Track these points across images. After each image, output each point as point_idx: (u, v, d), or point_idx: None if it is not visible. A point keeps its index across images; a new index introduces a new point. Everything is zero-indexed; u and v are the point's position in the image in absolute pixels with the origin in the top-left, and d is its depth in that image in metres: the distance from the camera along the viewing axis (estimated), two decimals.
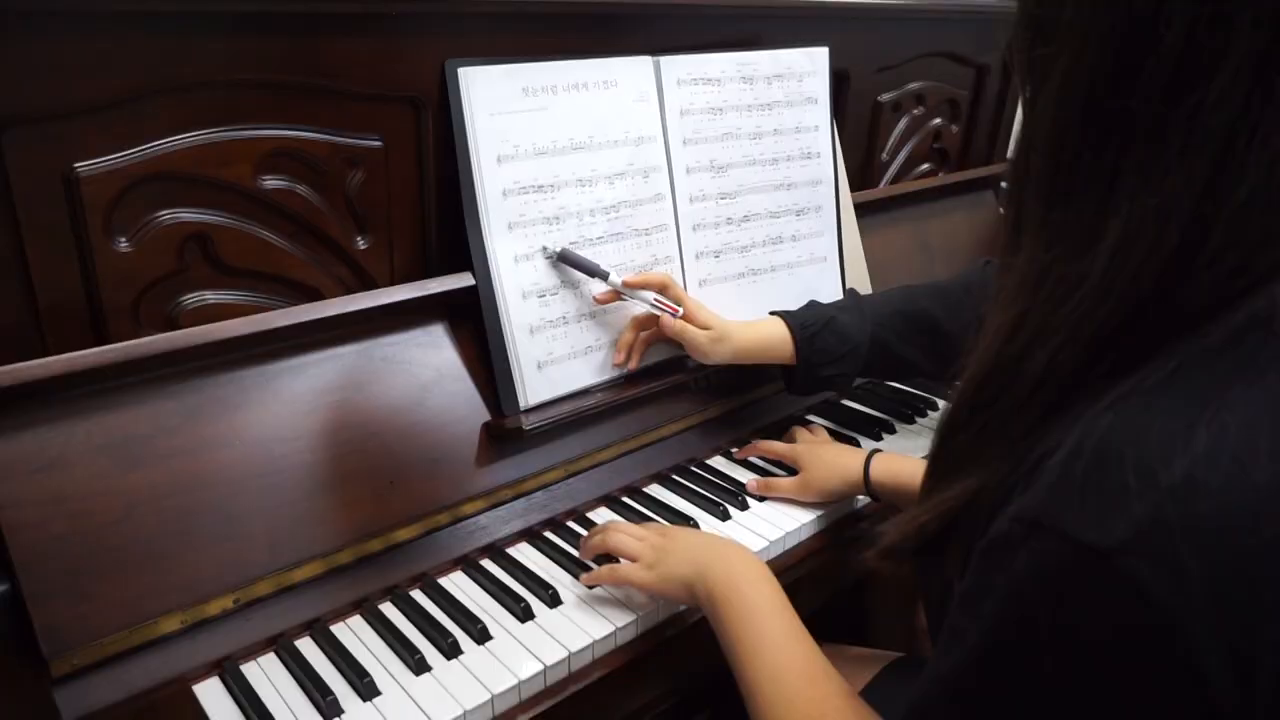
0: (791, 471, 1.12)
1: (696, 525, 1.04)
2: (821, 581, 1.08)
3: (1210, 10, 0.42)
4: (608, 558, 0.93)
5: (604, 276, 1.08)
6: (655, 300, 1.10)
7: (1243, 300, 0.45)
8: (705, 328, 1.10)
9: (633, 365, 1.14)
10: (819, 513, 1.08)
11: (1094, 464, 0.44)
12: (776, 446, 1.15)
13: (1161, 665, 0.42)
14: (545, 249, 1.06)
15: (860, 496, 1.10)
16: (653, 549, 0.89)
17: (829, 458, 1.10)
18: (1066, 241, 0.49)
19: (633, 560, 0.90)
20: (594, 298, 1.10)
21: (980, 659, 0.48)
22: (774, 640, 0.75)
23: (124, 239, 0.86)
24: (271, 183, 0.93)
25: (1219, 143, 0.43)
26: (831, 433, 1.26)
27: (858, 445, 1.22)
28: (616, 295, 1.10)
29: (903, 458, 1.09)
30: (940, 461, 0.60)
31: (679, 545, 0.88)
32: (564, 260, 1.07)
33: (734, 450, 1.20)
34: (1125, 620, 0.42)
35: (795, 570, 1.04)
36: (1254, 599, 0.41)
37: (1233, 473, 0.42)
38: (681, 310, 1.10)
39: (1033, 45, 0.50)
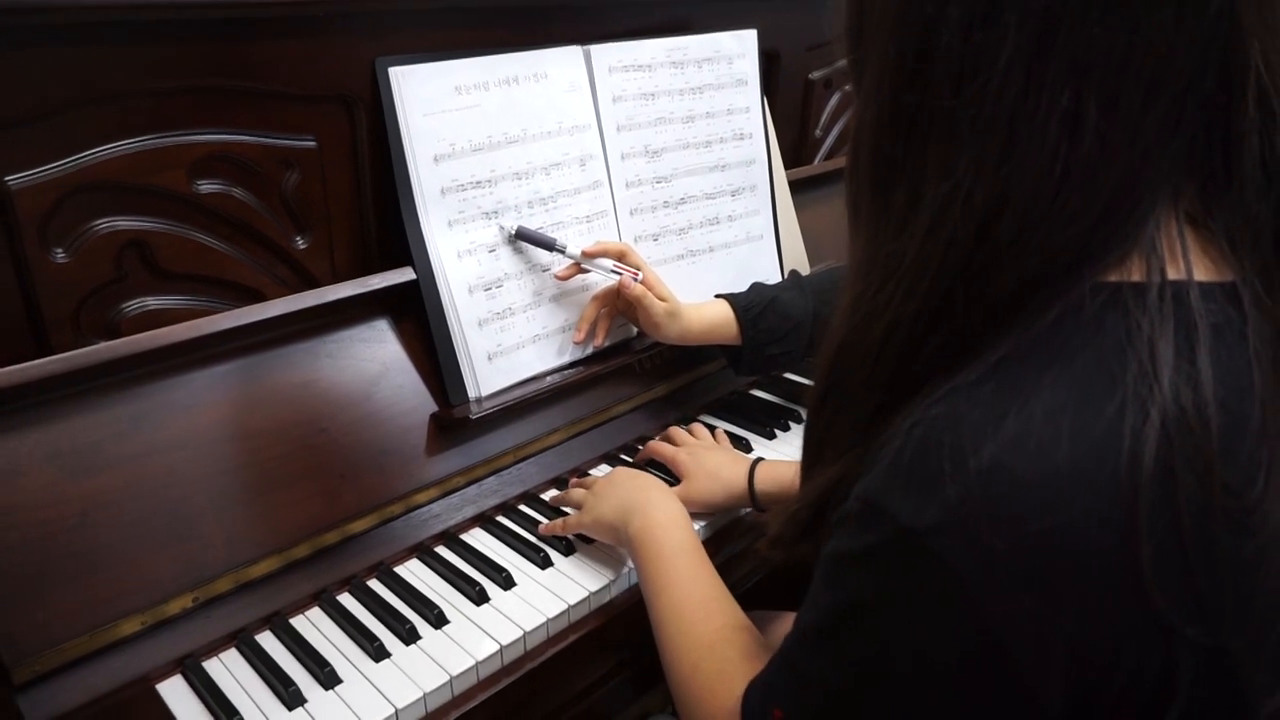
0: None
1: None
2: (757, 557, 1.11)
3: (981, 11, 0.46)
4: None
5: (562, 250, 1.10)
6: (615, 266, 1.11)
7: (1062, 290, 0.48)
8: (662, 299, 1.12)
9: (598, 341, 1.17)
10: None
11: (918, 451, 0.47)
12: (663, 450, 1.08)
13: (971, 642, 0.45)
14: (502, 228, 1.08)
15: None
16: (592, 495, 0.97)
17: (711, 466, 1.03)
18: (889, 227, 0.53)
19: (577, 508, 0.99)
20: (554, 275, 1.12)
21: (824, 618, 0.53)
22: (678, 578, 0.82)
23: (60, 250, 0.86)
24: (206, 187, 0.94)
25: (1003, 130, 0.47)
26: (775, 407, 1.30)
27: (800, 418, 1.27)
28: (576, 269, 1.12)
29: (788, 463, 1.02)
30: (807, 451, 0.64)
31: (611, 491, 0.95)
32: (521, 238, 1.09)
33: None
34: (937, 597, 0.46)
35: (734, 545, 1.06)
36: (1053, 576, 0.44)
37: (1035, 457, 0.44)
38: (641, 275, 1.12)
39: (852, 51, 0.55)
